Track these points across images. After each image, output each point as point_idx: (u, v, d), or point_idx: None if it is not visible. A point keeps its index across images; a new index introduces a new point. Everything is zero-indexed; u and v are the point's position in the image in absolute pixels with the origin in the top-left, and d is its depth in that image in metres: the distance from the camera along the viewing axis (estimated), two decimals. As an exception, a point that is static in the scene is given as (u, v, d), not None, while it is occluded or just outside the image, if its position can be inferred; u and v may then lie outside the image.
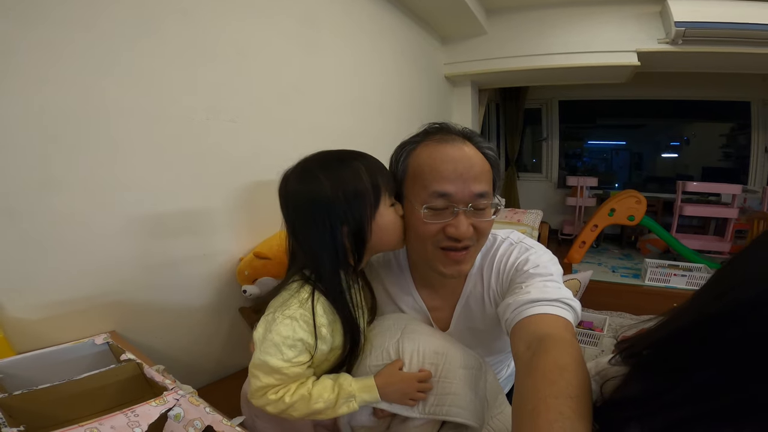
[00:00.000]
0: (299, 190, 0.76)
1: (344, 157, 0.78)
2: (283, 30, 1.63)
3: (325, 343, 0.77)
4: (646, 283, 3.20)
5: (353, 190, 0.74)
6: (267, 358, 0.72)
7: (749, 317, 0.37)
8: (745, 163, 4.43)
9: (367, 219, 0.76)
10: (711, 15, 2.65)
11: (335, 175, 0.74)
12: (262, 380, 0.73)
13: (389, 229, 0.80)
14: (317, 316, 0.74)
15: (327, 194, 0.73)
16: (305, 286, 0.76)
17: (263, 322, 0.75)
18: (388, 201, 0.79)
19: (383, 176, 0.79)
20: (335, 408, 0.75)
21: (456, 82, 3.64)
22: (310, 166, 0.77)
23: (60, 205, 0.98)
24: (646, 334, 0.50)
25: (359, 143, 2.16)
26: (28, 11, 0.90)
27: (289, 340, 0.72)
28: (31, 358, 0.89)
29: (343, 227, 0.75)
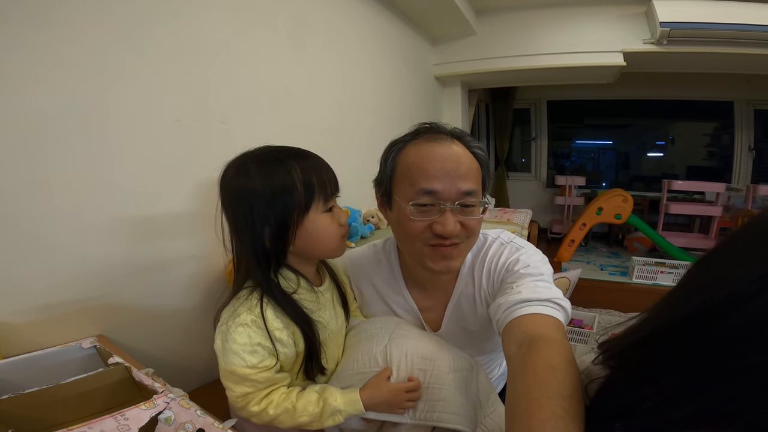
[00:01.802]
0: (232, 182, 0.74)
1: (282, 154, 0.76)
2: (273, 31, 1.62)
3: (285, 346, 0.75)
4: (633, 280, 3.25)
5: (280, 189, 0.72)
6: (231, 367, 0.71)
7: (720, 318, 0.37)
8: (729, 161, 4.51)
9: (291, 222, 0.73)
10: (696, 15, 2.69)
11: (265, 172, 0.72)
12: (235, 390, 0.73)
13: (319, 235, 0.77)
14: (268, 321, 0.73)
15: (253, 190, 0.71)
16: (254, 293, 0.74)
17: (219, 332, 0.74)
18: (323, 205, 0.77)
19: (321, 178, 0.76)
20: (321, 421, 0.75)
21: (446, 82, 3.65)
22: (246, 160, 0.75)
23: (46, 207, 0.96)
24: (622, 337, 0.50)
25: (349, 144, 2.17)
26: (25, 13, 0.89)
27: (247, 346, 0.71)
28: (18, 362, 0.87)
29: (265, 228, 0.73)
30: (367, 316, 1.00)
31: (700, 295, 0.40)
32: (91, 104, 1.02)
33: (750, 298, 0.35)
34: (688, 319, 0.40)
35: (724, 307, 0.37)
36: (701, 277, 0.44)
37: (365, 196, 0.97)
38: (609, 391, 0.49)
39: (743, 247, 0.40)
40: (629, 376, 0.47)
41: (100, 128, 1.05)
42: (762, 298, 0.34)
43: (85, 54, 1.01)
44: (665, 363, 0.41)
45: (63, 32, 0.96)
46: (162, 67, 1.19)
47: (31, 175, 0.93)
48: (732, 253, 0.41)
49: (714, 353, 0.37)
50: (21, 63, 0.90)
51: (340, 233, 0.81)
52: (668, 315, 0.44)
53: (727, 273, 0.39)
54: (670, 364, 0.41)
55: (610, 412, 0.47)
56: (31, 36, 0.91)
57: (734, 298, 0.36)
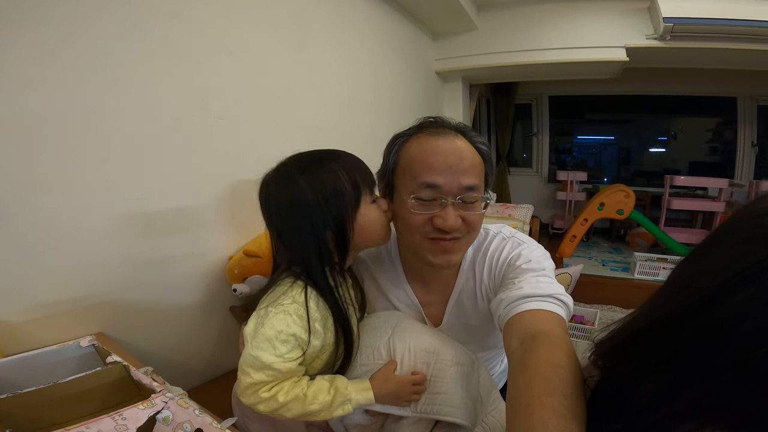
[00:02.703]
0: (280, 195, 0.76)
1: (322, 158, 0.78)
2: (272, 28, 1.61)
3: (318, 338, 0.76)
4: (635, 276, 3.24)
5: (332, 193, 0.74)
6: (259, 353, 0.71)
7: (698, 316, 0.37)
8: (732, 157, 4.49)
9: (348, 219, 0.76)
10: (699, 11, 2.67)
11: (314, 179, 0.74)
12: (252, 377, 0.72)
13: (372, 227, 0.80)
14: (310, 310, 0.74)
15: (308, 199, 0.73)
16: (297, 282, 0.76)
17: (255, 317, 0.74)
18: (369, 198, 0.79)
19: (362, 174, 0.79)
20: (330, 410, 0.74)
21: (447, 77, 3.63)
22: (289, 171, 0.77)
23: (46, 205, 0.96)
24: (610, 337, 0.50)
25: (350, 140, 2.16)
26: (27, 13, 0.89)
27: (282, 334, 0.71)
28: (16, 360, 0.87)
29: (327, 230, 0.75)
30: (369, 310, 0.99)
31: (685, 291, 0.41)
32: (90, 104, 1.02)
33: (724, 296, 0.35)
34: (670, 317, 0.41)
35: (700, 306, 0.38)
36: (687, 274, 0.45)
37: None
38: (603, 391, 0.49)
39: (726, 243, 0.41)
40: (621, 376, 0.47)
41: (100, 127, 1.05)
42: (735, 296, 0.35)
43: (85, 53, 1.00)
44: (656, 361, 0.41)
45: (63, 32, 0.96)
46: (162, 66, 1.18)
47: (30, 173, 0.93)
48: (715, 250, 0.42)
49: (696, 351, 0.38)
50: (21, 62, 0.90)
51: (387, 220, 0.84)
52: (654, 314, 0.44)
53: (710, 268, 0.39)
54: (660, 363, 0.41)
55: (607, 413, 0.47)
56: (31, 35, 0.91)
57: (717, 294, 0.36)
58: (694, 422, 0.37)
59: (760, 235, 0.36)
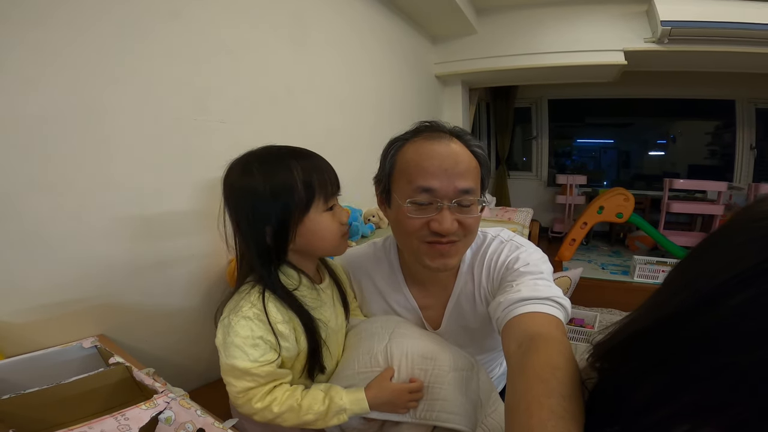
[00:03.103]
0: (235, 181, 0.76)
1: (283, 154, 0.77)
2: (273, 30, 1.62)
3: (288, 340, 0.76)
4: (635, 279, 3.24)
5: (281, 188, 0.73)
6: (233, 361, 0.71)
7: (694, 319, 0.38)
8: (731, 160, 4.50)
9: (291, 220, 0.75)
10: (697, 14, 2.69)
11: (268, 171, 0.74)
12: (236, 385, 0.72)
13: (320, 234, 0.78)
14: (270, 314, 0.73)
15: (255, 189, 0.73)
16: (255, 287, 0.76)
17: (220, 327, 0.75)
18: (323, 204, 0.78)
19: (320, 177, 0.77)
20: (326, 420, 0.75)
21: (446, 81, 3.65)
22: (250, 159, 0.77)
23: (47, 207, 0.96)
24: (607, 340, 0.50)
25: (350, 143, 2.17)
26: (27, 13, 0.89)
27: (249, 339, 0.72)
28: (19, 361, 0.87)
29: (266, 227, 0.74)
30: (367, 314, 1.00)
31: (682, 293, 0.41)
32: (90, 104, 1.02)
33: (722, 298, 0.36)
34: (668, 319, 0.41)
35: (698, 308, 0.38)
36: (684, 275, 0.44)
37: (366, 195, 0.97)
38: (601, 393, 0.49)
39: (723, 246, 0.41)
40: (619, 377, 0.47)
41: (100, 127, 1.05)
42: (733, 298, 0.35)
43: (85, 53, 1.01)
44: (651, 362, 0.42)
45: (63, 32, 0.96)
46: (162, 66, 1.19)
47: (31, 174, 0.93)
48: (713, 252, 0.42)
49: (693, 352, 0.38)
50: (21, 62, 0.90)
51: (340, 232, 0.82)
52: (652, 315, 0.44)
53: (708, 271, 0.40)
54: (657, 364, 0.41)
55: (606, 415, 0.47)
56: (31, 35, 0.91)
57: (714, 296, 0.37)
58: (690, 423, 0.37)
59: (758, 237, 0.36)
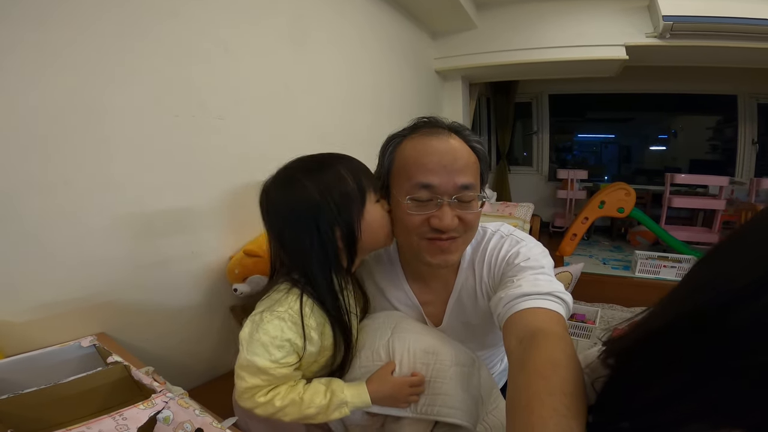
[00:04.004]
0: (283, 197, 0.76)
1: (326, 161, 0.78)
2: (272, 27, 1.61)
3: (314, 345, 0.76)
4: (636, 274, 3.23)
5: (340, 193, 0.74)
6: (254, 358, 0.71)
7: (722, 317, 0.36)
8: (732, 155, 4.49)
9: (356, 219, 0.76)
10: (698, 9, 2.67)
11: (319, 180, 0.74)
12: (248, 381, 0.72)
13: (378, 225, 0.80)
14: (305, 317, 0.73)
15: (314, 200, 0.73)
16: (294, 289, 0.76)
17: (250, 321, 0.74)
18: (374, 198, 0.79)
19: (366, 175, 0.79)
20: (327, 413, 0.75)
21: (446, 76, 3.63)
22: (291, 174, 0.77)
23: (47, 205, 0.96)
24: (624, 336, 0.49)
25: (349, 139, 2.17)
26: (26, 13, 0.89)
27: (277, 340, 0.71)
28: (17, 361, 0.87)
29: (336, 231, 0.75)
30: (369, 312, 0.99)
31: (702, 293, 0.40)
32: (90, 103, 1.02)
33: (751, 297, 0.34)
34: (690, 317, 0.40)
35: (725, 306, 0.36)
36: (704, 274, 0.43)
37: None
38: (613, 389, 0.49)
39: (745, 246, 0.40)
40: (633, 374, 0.46)
41: (100, 127, 1.05)
42: (758, 300, 0.34)
43: (85, 53, 1.00)
44: (668, 361, 0.41)
45: (62, 31, 0.96)
46: (162, 65, 1.18)
47: (31, 173, 0.93)
48: (734, 252, 0.41)
49: (716, 352, 0.37)
50: (21, 62, 0.90)
51: (390, 220, 0.84)
52: (672, 312, 0.43)
53: (729, 271, 0.39)
54: (673, 363, 0.40)
55: (616, 411, 0.47)
56: (31, 35, 0.91)
57: (735, 298, 0.35)
58: (703, 423, 0.37)
59: None
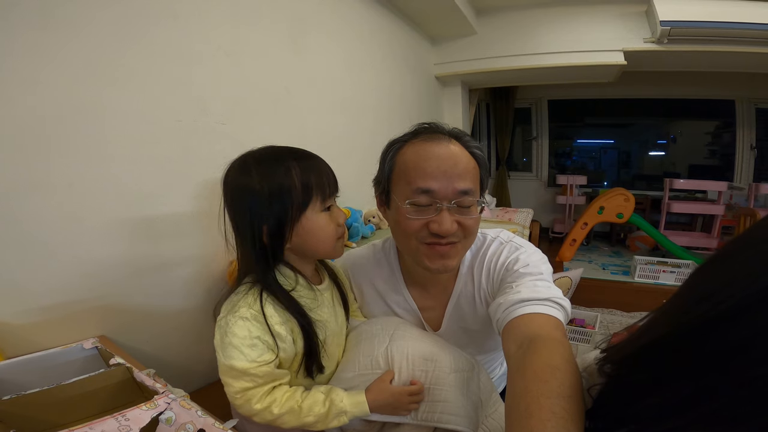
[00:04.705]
0: (233, 181, 0.76)
1: (281, 154, 0.77)
2: (273, 32, 1.62)
3: (285, 342, 0.76)
4: (635, 280, 3.23)
5: (278, 188, 0.73)
6: (231, 362, 0.72)
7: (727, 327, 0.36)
8: (731, 160, 4.50)
9: (288, 220, 0.75)
10: (696, 14, 2.69)
11: (265, 171, 0.74)
12: (234, 385, 0.73)
13: (316, 235, 0.78)
14: (268, 315, 0.74)
15: (253, 188, 0.73)
16: (253, 288, 0.76)
17: (217, 328, 0.75)
18: (320, 206, 0.78)
19: (319, 180, 0.77)
20: (326, 422, 0.75)
21: (446, 82, 3.65)
22: (248, 160, 0.77)
23: (47, 208, 0.96)
24: (624, 344, 0.49)
25: (349, 144, 2.17)
26: (26, 14, 0.90)
27: (246, 339, 0.72)
28: (19, 362, 0.88)
29: (263, 224, 0.74)
30: (368, 316, 1.00)
31: (705, 302, 0.39)
32: (91, 105, 1.03)
33: (752, 308, 0.34)
34: (693, 326, 0.39)
35: (730, 316, 0.36)
36: (706, 282, 0.42)
37: (366, 197, 0.98)
38: (611, 396, 0.49)
39: (750, 253, 0.39)
40: (632, 382, 0.46)
41: (101, 129, 1.05)
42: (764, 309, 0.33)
43: (86, 54, 1.01)
44: (671, 370, 0.41)
45: (63, 33, 0.97)
46: (162, 67, 1.19)
47: (31, 175, 0.94)
48: (738, 259, 0.40)
49: (719, 362, 0.36)
50: (20, 63, 0.90)
51: (337, 233, 0.82)
52: (673, 321, 0.43)
53: (733, 279, 0.38)
54: (675, 372, 0.40)
55: (613, 418, 0.47)
56: (31, 36, 0.91)
57: (740, 308, 0.35)
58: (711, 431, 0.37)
59: None
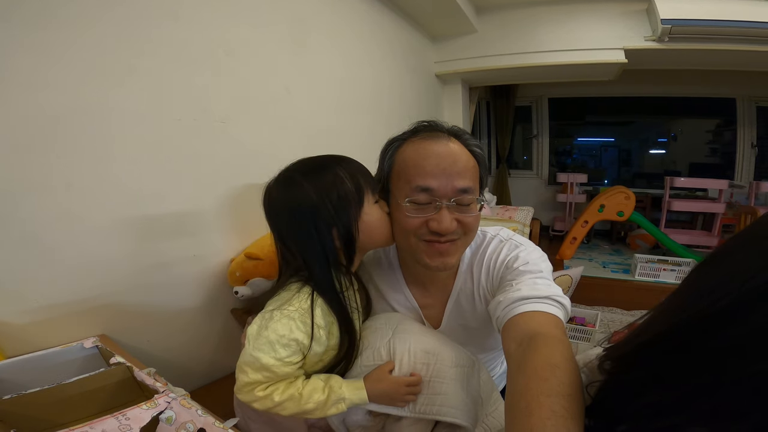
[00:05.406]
0: (283, 198, 0.77)
1: (325, 162, 0.79)
2: (273, 31, 1.62)
3: (320, 344, 0.77)
4: (636, 278, 3.24)
5: (337, 195, 0.75)
6: (259, 354, 0.72)
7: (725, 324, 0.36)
8: (732, 158, 4.50)
9: (353, 219, 0.77)
10: (697, 12, 2.68)
11: (318, 181, 0.75)
12: (249, 376, 0.73)
13: (376, 226, 0.81)
14: (316, 317, 0.74)
15: (312, 200, 0.74)
16: (305, 287, 0.76)
17: (259, 318, 0.75)
18: (372, 199, 0.80)
19: (364, 176, 0.80)
20: (325, 409, 0.75)
21: (446, 80, 3.65)
22: (292, 175, 0.78)
23: (49, 207, 0.97)
24: (623, 342, 0.49)
25: (350, 142, 2.18)
26: (28, 15, 0.90)
27: (284, 338, 0.72)
28: (20, 362, 0.88)
29: (333, 230, 0.76)
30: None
31: (703, 299, 0.39)
32: (92, 105, 1.03)
33: (750, 305, 0.34)
34: (691, 323, 0.39)
35: (728, 313, 0.36)
36: (704, 280, 0.43)
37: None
38: (610, 394, 0.49)
39: (748, 250, 0.39)
40: (631, 380, 0.46)
41: (102, 128, 1.05)
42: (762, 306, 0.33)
43: (87, 55, 1.01)
44: (669, 367, 0.41)
45: (65, 34, 0.97)
46: (162, 67, 1.19)
47: (33, 175, 0.94)
48: (736, 256, 0.40)
49: (717, 358, 0.36)
50: (24, 64, 0.91)
51: (389, 221, 0.84)
52: (672, 319, 0.43)
53: (731, 276, 0.38)
54: (673, 369, 0.40)
55: (612, 416, 0.47)
56: (34, 37, 0.92)
57: (737, 305, 0.35)
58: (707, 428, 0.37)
59: None
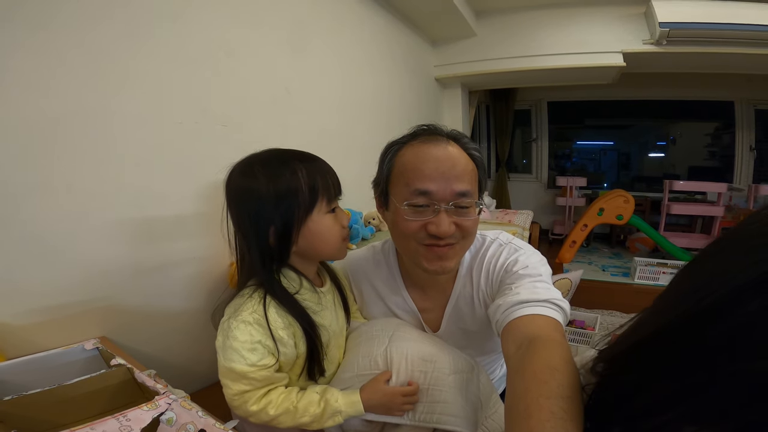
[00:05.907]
0: (237, 183, 0.76)
1: (287, 157, 0.78)
2: (273, 34, 1.63)
3: (287, 346, 0.76)
4: (635, 281, 3.24)
5: (285, 190, 0.74)
6: (231, 364, 0.72)
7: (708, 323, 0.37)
8: (730, 161, 4.51)
9: (295, 221, 0.75)
10: (694, 15, 2.70)
11: (271, 173, 0.74)
12: (232, 387, 0.73)
13: (322, 236, 0.79)
14: (270, 319, 0.74)
15: (259, 191, 0.73)
16: (257, 291, 0.76)
17: (220, 330, 0.75)
18: (326, 207, 0.79)
19: (324, 180, 0.78)
20: (321, 421, 0.75)
21: (446, 84, 3.66)
22: (252, 162, 0.77)
23: (49, 209, 0.97)
24: (614, 343, 0.49)
25: (350, 146, 2.18)
26: (29, 17, 0.90)
27: (247, 344, 0.72)
28: (20, 363, 0.88)
29: (270, 226, 0.74)
30: (368, 317, 1.00)
31: (689, 298, 0.40)
32: (93, 107, 1.03)
33: (735, 304, 0.35)
34: (678, 323, 0.40)
35: (711, 312, 0.37)
36: (691, 280, 0.43)
37: (366, 198, 0.98)
38: (603, 396, 0.49)
39: (729, 253, 0.40)
40: (623, 381, 0.47)
41: (103, 130, 1.06)
42: (747, 305, 0.34)
43: (88, 56, 1.02)
44: (658, 367, 0.41)
45: (65, 35, 0.97)
46: (164, 69, 1.20)
47: (34, 176, 0.94)
48: (720, 257, 0.41)
49: (705, 357, 0.37)
50: (24, 66, 0.91)
51: (342, 234, 0.82)
52: (660, 319, 0.43)
53: (716, 275, 0.38)
54: (663, 369, 0.41)
55: (606, 417, 0.47)
56: (34, 39, 0.92)
57: (721, 304, 0.36)
58: (693, 427, 0.37)
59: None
